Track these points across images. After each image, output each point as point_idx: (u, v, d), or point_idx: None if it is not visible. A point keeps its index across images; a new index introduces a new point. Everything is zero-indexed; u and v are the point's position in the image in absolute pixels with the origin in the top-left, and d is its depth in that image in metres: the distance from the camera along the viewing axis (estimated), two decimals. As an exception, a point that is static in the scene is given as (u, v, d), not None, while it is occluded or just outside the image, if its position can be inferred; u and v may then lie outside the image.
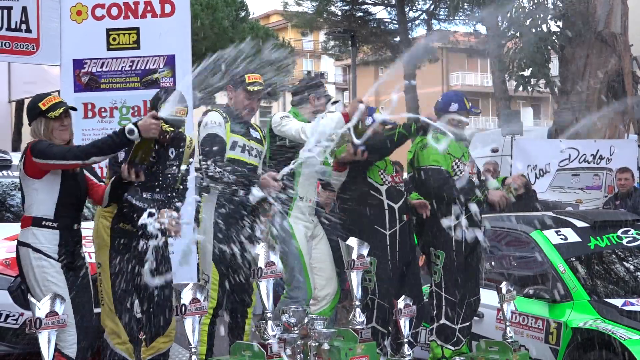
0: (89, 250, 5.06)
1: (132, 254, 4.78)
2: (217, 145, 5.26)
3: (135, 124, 4.49)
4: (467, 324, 5.99)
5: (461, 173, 6.00)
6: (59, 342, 3.92)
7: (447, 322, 5.90)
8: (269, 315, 4.16)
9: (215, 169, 5.13)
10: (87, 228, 5.02)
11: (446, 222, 5.80)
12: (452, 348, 5.87)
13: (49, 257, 4.56)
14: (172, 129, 4.76)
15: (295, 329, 4.48)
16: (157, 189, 4.81)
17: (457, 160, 5.99)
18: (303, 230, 5.75)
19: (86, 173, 4.86)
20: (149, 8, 6.82)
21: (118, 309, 4.71)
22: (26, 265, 4.57)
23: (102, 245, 4.77)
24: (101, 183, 4.92)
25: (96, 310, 4.85)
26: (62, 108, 4.66)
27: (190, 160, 5.16)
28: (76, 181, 4.73)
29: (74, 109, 4.85)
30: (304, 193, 5.79)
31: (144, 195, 4.75)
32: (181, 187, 5.05)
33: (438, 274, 5.97)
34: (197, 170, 5.53)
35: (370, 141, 5.54)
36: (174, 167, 4.89)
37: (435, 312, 5.94)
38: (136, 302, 5.05)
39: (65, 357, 4.40)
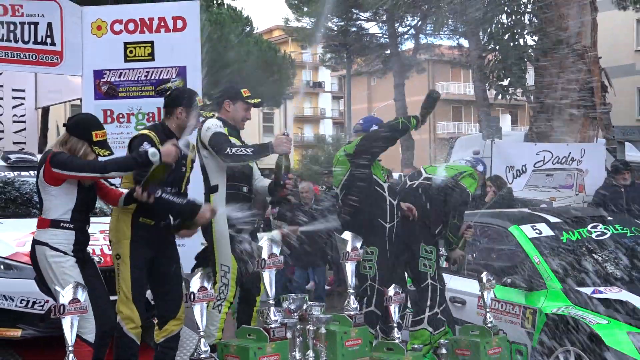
0: (106, 243, 5.03)
1: (150, 245, 4.77)
2: (226, 138, 5.20)
3: (157, 148, 4.49)
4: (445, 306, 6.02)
5: None
6: (79, 328, 3.90)
7: (437, 310, 5.91)
8: (271, 302, 4.16)
9: (233, 149, 5.06)
10: (100, 223, 4.97)
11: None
12: (436, 332, 5.88)
13: (65, 253, 4.52)
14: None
15: (295, 314, 4.48)
16: (171, 183, 4.80)
17: None
18: None
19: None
20: (162, 24, 6.84)
21: (135, 297, 4.70)
22: (43, 262, 4.52)
23: (122, 238, 4.74)
24: (112, 187, 4.89)
25: (112, 297, 4.84)
26: (109, 152, 4.62)
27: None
28: (90, 190, 4.70)
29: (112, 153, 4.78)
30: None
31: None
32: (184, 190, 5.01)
33: (432, 267, 5.97)
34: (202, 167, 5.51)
35: (380, 130, 5.73)
36: (182, 166, 4.88)
37: (429, 303, 5.92)
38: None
39: (85, 342, 4.38)
